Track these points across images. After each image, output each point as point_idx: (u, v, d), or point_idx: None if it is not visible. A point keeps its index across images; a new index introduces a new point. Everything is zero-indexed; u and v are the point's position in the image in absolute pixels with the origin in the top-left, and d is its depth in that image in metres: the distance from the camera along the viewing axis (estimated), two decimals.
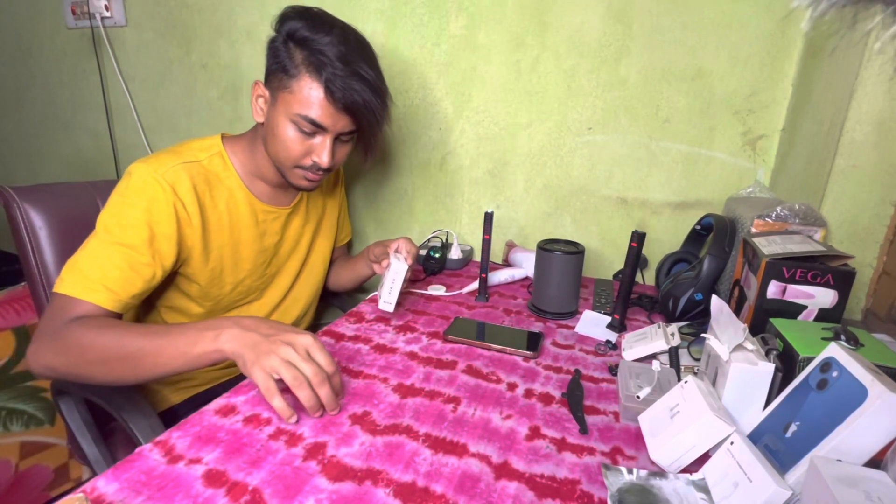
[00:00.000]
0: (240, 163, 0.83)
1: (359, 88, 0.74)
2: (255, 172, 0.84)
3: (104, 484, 0.46)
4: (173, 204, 0.72)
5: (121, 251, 0.68)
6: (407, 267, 0.82)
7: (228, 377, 0.91)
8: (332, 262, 1.09)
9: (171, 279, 0.79)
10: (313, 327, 1.13)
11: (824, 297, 0.65)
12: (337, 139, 0.78)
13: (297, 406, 0.59)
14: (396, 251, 0.85)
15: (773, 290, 0.67)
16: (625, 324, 0.85)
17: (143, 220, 0.70)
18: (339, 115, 0.75)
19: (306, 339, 0.58)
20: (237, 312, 0.89)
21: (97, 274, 0.67)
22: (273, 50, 0.76)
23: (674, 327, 0.76)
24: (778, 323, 0.62)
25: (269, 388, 0.54)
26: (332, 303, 1.25)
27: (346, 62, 0.72)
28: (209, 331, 0.60)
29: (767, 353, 0.55)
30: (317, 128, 0.75)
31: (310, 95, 0.73)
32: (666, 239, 1.09)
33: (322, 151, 0.77)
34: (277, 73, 0.75)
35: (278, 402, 0.54)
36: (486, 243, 0.93)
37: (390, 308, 0.80)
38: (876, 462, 0.42)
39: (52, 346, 0.63)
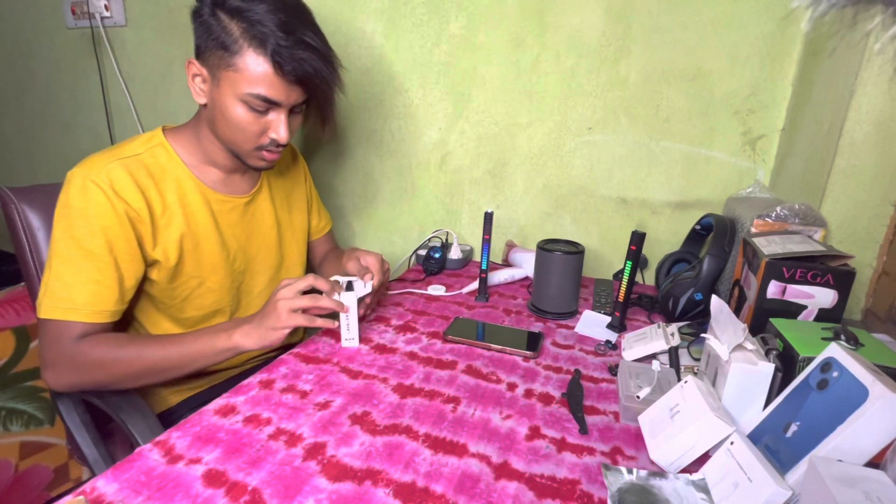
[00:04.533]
0: (186, 152, 0.79)
1: (307, 57, 0.70)
2: (203, 160, 0.80)
3: (104, 484, 0.46)
4: (117, 204, 0.69)
5: (84, 265, 0.68)
6: (355, 299, 0.75)
7: (226, 377, 0.91)
8: (322, 257, 1.05)
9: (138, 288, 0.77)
10: (309, 328, 1.12)
11: (824, 297, 0.65)
12: (290, 111, 0.75)
13: (295, 408, 0.59)
14: (347, 274, 0.80)
15: (773, 290, 0.67)
16: (625, 324, 0.85)
17: (95, 227, 0.68)
18: (290, 88, 0.71)
19: (285, 288, 0.70)
20: (217, 316, 0.86)
21: (72, 293, 0.67)
22: (203, 24, 0.70)
23: (674, 327, 0.76)
24: (778, 323, 0.62)
25: (308, 319, 0.69)
26: None
27: (289, 31, 0.68)
28: (222, 332, 0.70)
29: (767, 353, 0.55)
30: (269, 104, 0.71)
31: (257, 71, 0.68)
32: (666, 239, 1.09)
33: (279, 127, 0.74)
34: (215, 50, 0.69)
35: (326, 301, 0.71)
36: (486, 243, 0.93)
37: (354, 344, 0.76)
38: (875, 464, 0.42)
39: (72, 368, 0.68)
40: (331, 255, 1.06)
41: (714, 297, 0.63)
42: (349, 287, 0.76)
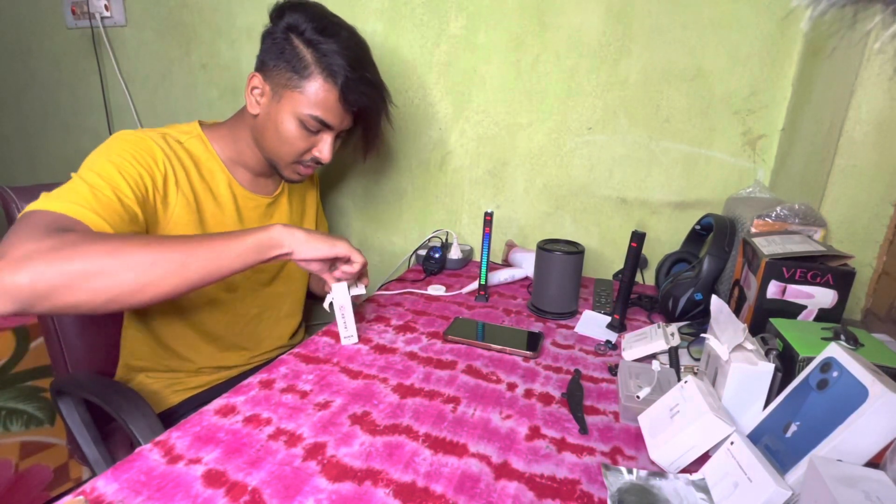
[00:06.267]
0: (220, 148, 0.83)
1: (368, 92, 0.79)
2: (236, 159, 0.85)
3: (104, 484, 0.46)
4: (161, 156, 0.72)
5: (104, 181, 0.62)
6: (346, 288, 0.74)
7: (226, 377, 0.91)
8: None
9: None
10: (309, 328, 1.13)
11: (824, 296, 0.65)
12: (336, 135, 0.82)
13: (295, 408, 0.59)
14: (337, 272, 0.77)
15: (773, 290, 0.67)
16: (625, 324, 0.85)
17: (128, 156, 0.67)
18: (345, 116, 0.80)
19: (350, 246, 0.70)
20: (221, 314, 0.87)
21: (80, 198, 0.59)
22: (275, 43, 0.76)
23: (674, 327, 0.76)
24: (778, 323, 0.62)
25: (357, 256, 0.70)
26: None
27: (356, 68, 0.77)
28: (266, 237, 0.63)
29: (767, 353, 0.55)
30: (323, 126, 0.79)
31: (321, 97, 0.76)
32: (666, 239, 1.09)
33: (324, 147, 0.81)
34: (283, 70, 0.76)
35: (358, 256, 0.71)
36: (486, 244, 0.93)
37: (354, 340, 0.76)
38: (875, 464, 0.42)
39: (51, 253, 0.50)
40: None
41: (714, 297, 0.63)
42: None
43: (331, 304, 0.75)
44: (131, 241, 0.55)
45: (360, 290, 0.77)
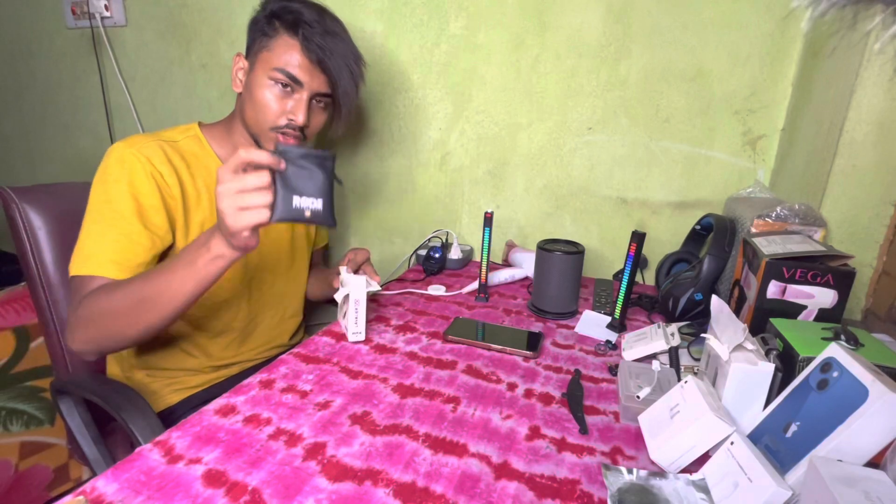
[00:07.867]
0: (217, 144, 0.85)
1: (332, 46, 0.78)
2: (232, 153, 0.84)
3: (104, 484, 0.46)
4: (152, 174, 0.74)
5: (114, 224, 0.71)
6: (365, 282, 0.74)
7: (226, 377, 0.91)
8: (310, 268, 1.08)
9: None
10: (309, 328, 1.13)
11: (824, 297, 0.65)
12: (314, 103, 0.81)
13: (295, 408, 0.59)
14: (348, 267, 0.81)
15: (773, 290, 0.66)
16: (625, 324, 0.85)
17: (127, 193, 0.72)
18: (314, 71, 0.78)
19: (221, 183, 0.56)
20: (224, 311, 0.87)
21: (99, 249, 0.70)
22: (256, 24, 0.81)
23: (674, 327, 0.76)
24: (778, 323, 0.62)
25: (259, 215, 0.56)
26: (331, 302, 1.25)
27: (320, 22, 0.78)
28: (201, 247, 0.62)
29: (767, 353, 0.55)
30: (294, 83, 0.78)
31: (286, 50, 0.77)
32: (666, 239, 1.09)
33: (298, 110, 0.79)
34: (257, 39, 0.79)
35: (258, 155, 0.56)
36: (486, 244, 0.93)
37: (361, 337, 0.76)
38: (875, 464, 0.42)
39: (80, 322, 0.68)
40: (314, 269, 1.09)
41: (714, 297, 0.63)
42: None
43: (344, 297, 0.75)
44: (118, 299, 0.66)
45: (374, 286, 0.77)
